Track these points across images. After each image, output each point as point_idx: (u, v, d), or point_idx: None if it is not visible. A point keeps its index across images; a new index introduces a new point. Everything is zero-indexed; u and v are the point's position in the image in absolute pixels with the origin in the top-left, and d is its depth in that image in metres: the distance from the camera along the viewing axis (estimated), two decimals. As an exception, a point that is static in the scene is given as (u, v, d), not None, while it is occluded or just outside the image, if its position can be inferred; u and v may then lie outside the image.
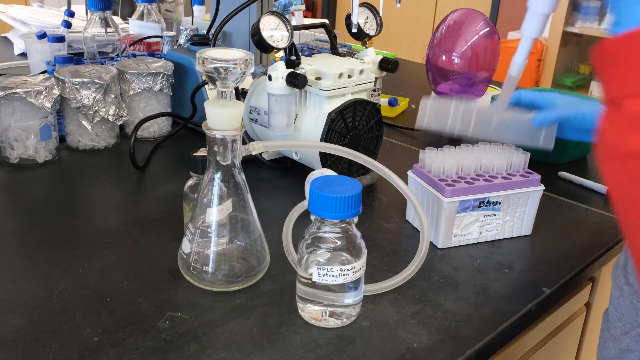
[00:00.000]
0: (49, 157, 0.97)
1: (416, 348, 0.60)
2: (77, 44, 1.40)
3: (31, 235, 0.77)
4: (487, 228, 0.80)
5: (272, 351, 0.58)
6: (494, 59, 1.21)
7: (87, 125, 0.99)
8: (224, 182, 0.65)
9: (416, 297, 0.68)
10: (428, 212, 0.80)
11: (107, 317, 0.62)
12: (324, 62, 0.90)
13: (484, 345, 0.62)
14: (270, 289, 0.68)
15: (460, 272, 0.74)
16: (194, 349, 0.58)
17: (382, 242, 0.80)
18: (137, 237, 0.78)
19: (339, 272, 0.59)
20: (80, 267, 0.70)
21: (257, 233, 0.69)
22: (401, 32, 3.54)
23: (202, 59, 0.60)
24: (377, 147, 0.95)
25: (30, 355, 0.56)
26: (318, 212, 0.59)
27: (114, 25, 1.25)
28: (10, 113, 0.92)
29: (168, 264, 0.71)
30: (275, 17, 0.85)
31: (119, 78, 1.04)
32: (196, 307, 0.64)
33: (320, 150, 0.84)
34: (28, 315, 0.61)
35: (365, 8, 0.97)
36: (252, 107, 0.94)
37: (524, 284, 0.73)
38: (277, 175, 0.97)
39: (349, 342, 0.61)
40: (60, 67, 1.03)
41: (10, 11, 1.64)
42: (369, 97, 0.95)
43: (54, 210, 0.83)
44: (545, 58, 3.20)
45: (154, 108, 1.08)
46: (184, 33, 1.27)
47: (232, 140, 0.63)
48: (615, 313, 0.69)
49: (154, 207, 0.86)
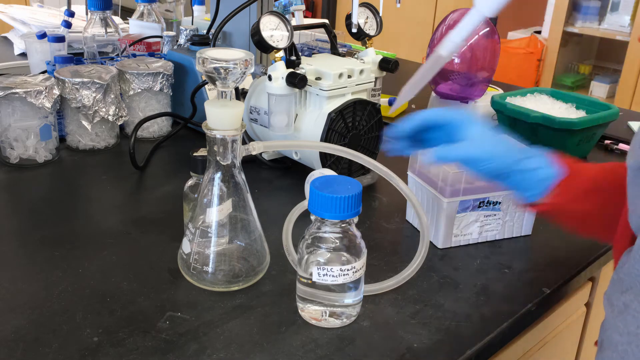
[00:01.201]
0: (49, 157, 0.97)
1: (416, 348, 0.60)
2: (77, 44, 1.40)
3: (31, 235, 0.77)
4: (487, 228, 0.80)
5: (272, 351, 0.58)
6: (494, 59, 1.21)
7: (87, 125, 0.99)
8: (224, 182, 0.65)
9: (416, 297, 0.68)
10: (428, 212, 0.80)
11: (107, 317, 0.62)
12: (324, 62, 0.90)
13: (484, 345, 0.62)
14: (270, 289, 0.68)
15: (460, 272, 0.74)
16: (194, 349, 0.58)
17: (382, 242, 0.80)
18: (137, 237, 0.78)
19: (339, 272, 0.59)
20: (80, 267, 0.70)
21: (257, 233, 0.69)
22: (401, 32, 3.54)
23: (202, 59, 0.60)
24: (377, 147, 0.95)
25: (30, 355, 0.56)
26: (318, 212, 0.59)
27: (114, 25, 1.25)
28: (10, 113, 0.92)
29: (168, 264, 0.71)
30: (275, 17, 0.85)
31: (119, 78, 1.04)
32: (196, 307, 0.64)
33: (320, 150, 0.84)
34: (28, 315, 0.61)
35: (365, 8, 0.97)
36: (252, 107, 0.94)
37: (524, 284, 0.73)
38: (277, 175, 0.97)
39: (349, 342, 0.61)
40: (60, 67, 1.03)
41: (10, 11, 1.64)
42: (369, 97, 0.94)
43: (54, 210, 0.83)
44: (545, 58, 3.20)
45: (154, 108, 1.08)
46: (184, 33, 1.27)
47: (232, 140, 0.63)
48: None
49: (154, 207, 0.86)
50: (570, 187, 0.66)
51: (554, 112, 1.08)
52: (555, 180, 0.65)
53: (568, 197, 0.65)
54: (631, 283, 0.55)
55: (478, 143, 0.66)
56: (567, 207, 0.66)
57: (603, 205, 0.67)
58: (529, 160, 0.66)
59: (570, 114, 1.08)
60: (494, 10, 0.51)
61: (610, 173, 0.68)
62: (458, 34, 0.53)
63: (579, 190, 0.66)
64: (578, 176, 0.66)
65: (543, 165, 0.66)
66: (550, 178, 0.65)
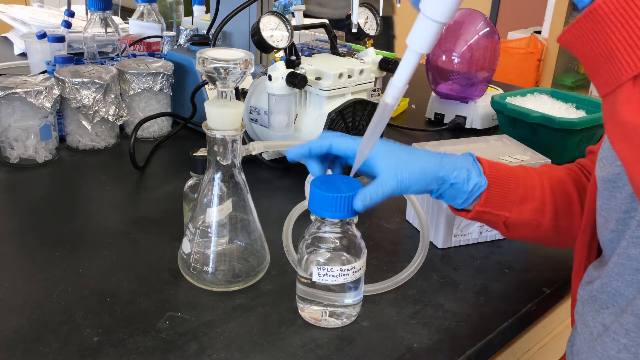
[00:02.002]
0: (49, 157, 0.97)
1: (416, 348, 0.60)
2: (77, 44, 1.40)
3: (31, 235, 0.76)
4: (487, 228, 0.80)
5: (272, 351, 0.58)
6: (494, 59, 1.21)
7: (87, 125, 0.99)
8: (224, 182, 0.65)
9: (416, 297, 0.68)
10: (428, 212, 0.80)
11: (107, 317, 0.62)
12: (324, 62, 0.90)
13: (484, 345, 0.62)
14: (270, 289, 0.68)
15: (460, 272, 0.74)
16: (194, 349, 0.58)
17: (382, 242, 0.80)
18: (137, 237, 0.78)
19: (339, 272, 0.59)
20: (80, 267, 0.70)
21: (257, 233, 0.69)
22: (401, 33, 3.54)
23: (202, 59, 0.60)
24: (377, 147, 0.94)
25: (30, 355, 0.56)
26: (318, 212, 0.59)
27: (114, 25, 1.25)
28: (10, 113, 0.92)
29: (168, 264, 0.71)
30: (275, 17, 0.85)
31: (119, 78, 1.04)
32: (196, 307, 0.64)
33: (320, 150, 0.84)
34: (28, 315, 0.61)
35: (365, 8, 0.97)
36: (252, 107, 0.94)
37: (524, 284, 0.73)
38: (277, 175, 0.97)
39: (349, 342, 0.61)
40: (60, 67, 1.03)
41: (10, 11, 1.64)
42: (369, 97, 0.94)
43: (54, 210, 0.83)
44: (545, 58, 3.20)
45: (154, 108, 1.08)
46: (184, 33, 1.27)
47: (232, 140, 0.63)
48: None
49: (154, 207, 0.86)
50: (498, 195, 0.64)
51: (554, 112, 1.08)
52: (482, 189, 0.63)
53: (495, 204, 0.64)
54: (608, 301, 0.53)
55: (395, 170, 0.60)
56: (496, 213, 0.64)
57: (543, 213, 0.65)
58: (458, 171, 0.62)
59: (570, 114, 1.08)
60: (428, 47, 0.49)
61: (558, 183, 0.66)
62: (399, 79, 0.51)
63: (508, 199, 0.64)
64: (508, 185, 0.64)
65: (472, 176, 0.62)
66: (478, 188, 0.63)
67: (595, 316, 0.55)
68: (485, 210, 0.64)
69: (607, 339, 0.53)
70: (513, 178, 0.65)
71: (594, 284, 0.56)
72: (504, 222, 0.65)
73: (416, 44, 0.49)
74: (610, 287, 0.53)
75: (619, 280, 0.52)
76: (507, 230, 0.66)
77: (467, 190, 0.63)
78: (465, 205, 0.64)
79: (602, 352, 0.53)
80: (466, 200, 0.63)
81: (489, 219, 0.65)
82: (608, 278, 0.53)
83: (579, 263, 0.62)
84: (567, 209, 0.66)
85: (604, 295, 0.54)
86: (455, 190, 0.63)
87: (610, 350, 0.52)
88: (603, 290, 0.54)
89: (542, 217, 0.65)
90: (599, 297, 0.55)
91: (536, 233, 0.67)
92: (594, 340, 0.54)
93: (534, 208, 0.65)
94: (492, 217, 0.64)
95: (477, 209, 0.64)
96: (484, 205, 0.63)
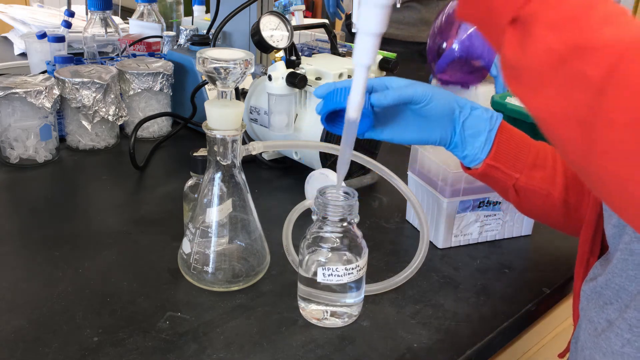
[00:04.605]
0: (49, 157, 0.97)
1: (416, 348, 0.60)
2: (77, 44, 1.40)
3: (31, 235, 0.76)
4: (487, 228, 0.80)
5: (272, 351, 0.58)
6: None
7: (87, 125, 0.99)
8: (224, 182, 0.65)
9: (416, 297, 0.68)
10: (428, 212, 0.80)
11: (107, 317, 0.62)
12: (324, 62, 0.90)
13: (484, 345, 0.62)
14: (270, 289, 0.68)
15: (460, 272, 0.74)
16: (194, 349, 0.58)
17: (382, 242, 0.80)
18: (137, 237, 0.78)
19: (344, 271, 0.59)
20: (80, 267, 0.70)
21: (257, 233, 0.69)
22: (401, 32, 3.54)
23: (202, 59, 0.60)
24: (377, 147, 0.95)
25: (30, 355, 0.56)
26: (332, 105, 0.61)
27: (114, 25, 1.25)
28: (10, 113, 0.92)
29: (168, 264, 0.71)
30: (275, 17, 0.85)
31: (119, 78, 1.04)
32: (196, 307, 0.64)
33: (320, 150, 0.84)
34: (28, 315, 0.61)
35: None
36: (252, 107, 0.94)
37: (524, 284, 0.73)
38: (277, 175, 0.97)
39: (349, 342, 0.61)
40: (60, 67, 1.03)
41: (10, 11, 1.64)
42: (369, 97, 0.94)
43: (54, 210, 0.83)
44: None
45: (154, 108, 1.08)
46: (184, 33, 1.27)
47: (232, 140, 0.63)
48: None
49: (154, 207, 0.86)
50: (510, 153, 0.64)
51: (554, 112, 1.07)
52: (500, 118, 0.64)
53: (506, 162, 0.64)
54: (612, 297, 0.53)
55: (418, 84, 0.64)
56: (507, 172, 0.64)
57: (553, 184, 0.65)
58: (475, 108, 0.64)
59: (570, 114, 1.07)
60: (370, 59, 0.53)
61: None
62: (355, 94, 0.55)
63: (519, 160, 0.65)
64: (521, 146, 0.65)
65: (489, 110, 0.64)
66: (497, 117, 0.64)
67: (600, 312, 0.55)
68: (495, 166, 0.64)
69: (611, 334, 0.53)
70: (526, 142, 0.66)
71: (598, 280, 0.56)
72: (513, 184, 0.65)
73: (362, 59, 0.54)
74: (614, 283, 0.53)
75: (622, 275, 0.52)
76: (517, 195, 0.66)
77: (487, 117, 0.64)
78: (487, 148, 0.64)
79: (606, 347, 0.53)
80: (488, 136, 0.63)
81: (499, 177, 0.65)
82: (612, 274, 0.54)
83: (582, 257, 0.62)
84: (577, 184, 0.66)
85: (608, 291, 0.54)
86: (476, 119, 0.64)
87: (614, 346, 0.52)
88: (607, 286, 0.54)
89: (552, 188, 0.65)
90: (603, 293, 0.55)
91: (545, 205, 0.67)
92: (598, 335, 0.54)
93: (544, 176, 0.65)
94: (502, 175, 0.64)
95: (488, 162, 0.64)
96: (495, 159, 0.64)
